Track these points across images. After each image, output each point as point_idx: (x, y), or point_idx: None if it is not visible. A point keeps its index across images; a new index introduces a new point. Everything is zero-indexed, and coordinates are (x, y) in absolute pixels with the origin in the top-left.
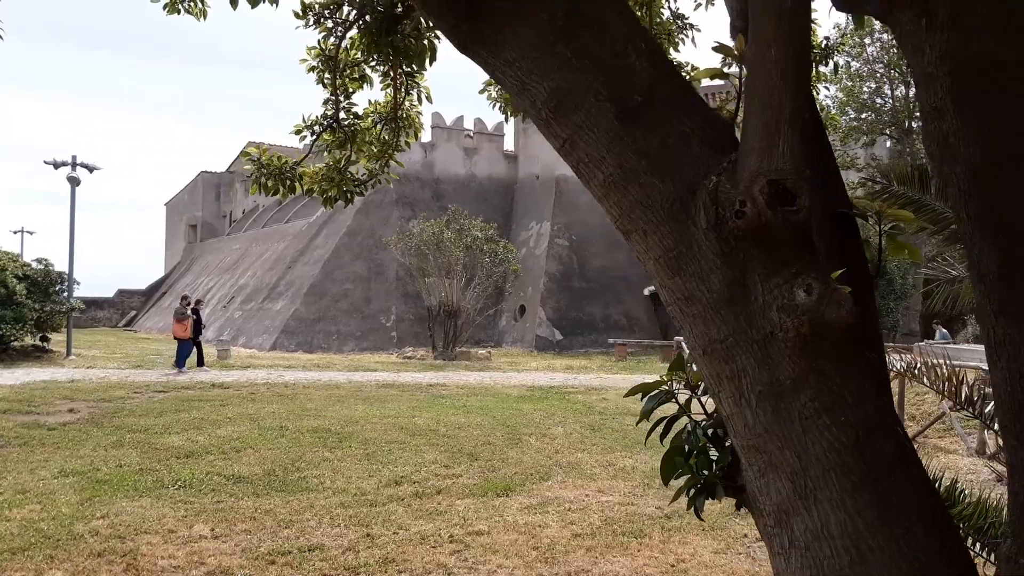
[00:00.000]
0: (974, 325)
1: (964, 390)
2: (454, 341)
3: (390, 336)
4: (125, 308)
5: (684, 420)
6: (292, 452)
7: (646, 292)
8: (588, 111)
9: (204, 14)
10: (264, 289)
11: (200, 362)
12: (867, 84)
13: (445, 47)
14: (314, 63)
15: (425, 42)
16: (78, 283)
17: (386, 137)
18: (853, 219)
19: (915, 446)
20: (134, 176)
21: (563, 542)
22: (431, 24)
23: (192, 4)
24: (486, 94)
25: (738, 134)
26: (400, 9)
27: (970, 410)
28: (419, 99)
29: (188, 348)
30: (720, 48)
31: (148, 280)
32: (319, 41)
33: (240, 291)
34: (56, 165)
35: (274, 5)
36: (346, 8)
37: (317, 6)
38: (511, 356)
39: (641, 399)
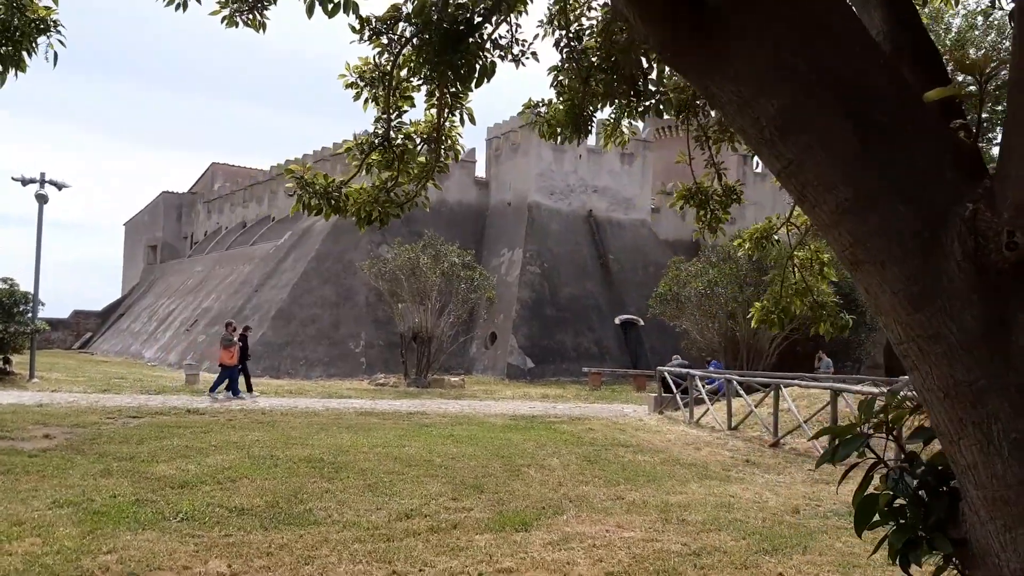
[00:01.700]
0: None
1: None
2: (427, 368)
3: (359, 362)
4: (80, 330)
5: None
6: (290, 483)
7: (617, 321)
8: (822, 130)
9: (263, 27)
10: (229, 313)
11: (249, 388)
12: None
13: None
14: (353, 79)
15: (484, 61)
16: (43, 304)
17: (423, 159)
18: None
19: None
20: (89, 195)
21: None
22: (645, 36)
23: (251, 17)
24: (525, 116)
25: None
26: (463, 27)
27: None
28: (461, 120)
29: (232, 375)
30: (962, 65)
31: (103, 301)
32: (373, 57)
33: (204, 314)
34: (24, 182)
35: (348, 13)
36: (402, 24)
37: (374, 20)
38: (484, 384)
39: (832, 444)
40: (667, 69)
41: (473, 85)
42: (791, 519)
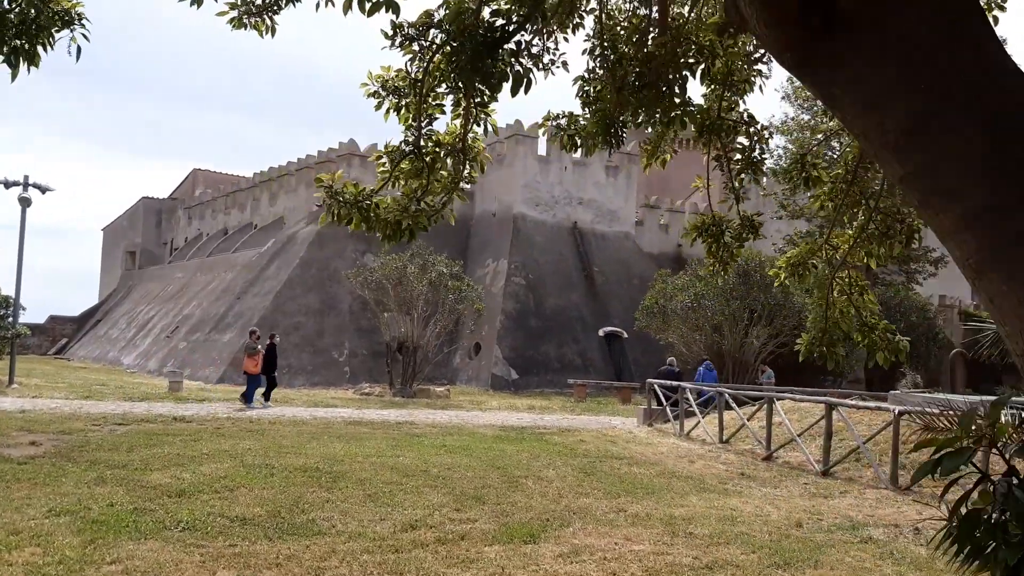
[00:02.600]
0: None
1: None
2: (412, 378)
3: (343, 371)
4: (56, 335)
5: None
6: (289, 492)
7: (601, 333)
8: (954, 136)
9: (272, 31)
10: (211, 320)
11: (267, 396)
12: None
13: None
14: (375, 88)
15: (518, 70)
16: (24, 308)
17: (445, 172)
18: None
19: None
20: (65, 201)
21: None
22: (763, 38)
23: (259, 20)
24: (544, 128)
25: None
26: (498, 35)
27: None
28: (485, 131)
29: (257, 383)
30: None
31: (79, 307)
32: (406, 64)
33: (185, 321)
34: (7, 184)
35: (388, 11)
36: (433, 31)
37: (406, 26)
38: (469, 394)
39: (934, 455)
40: (699, 85)
41: (509, 94)
42: (796, 533)
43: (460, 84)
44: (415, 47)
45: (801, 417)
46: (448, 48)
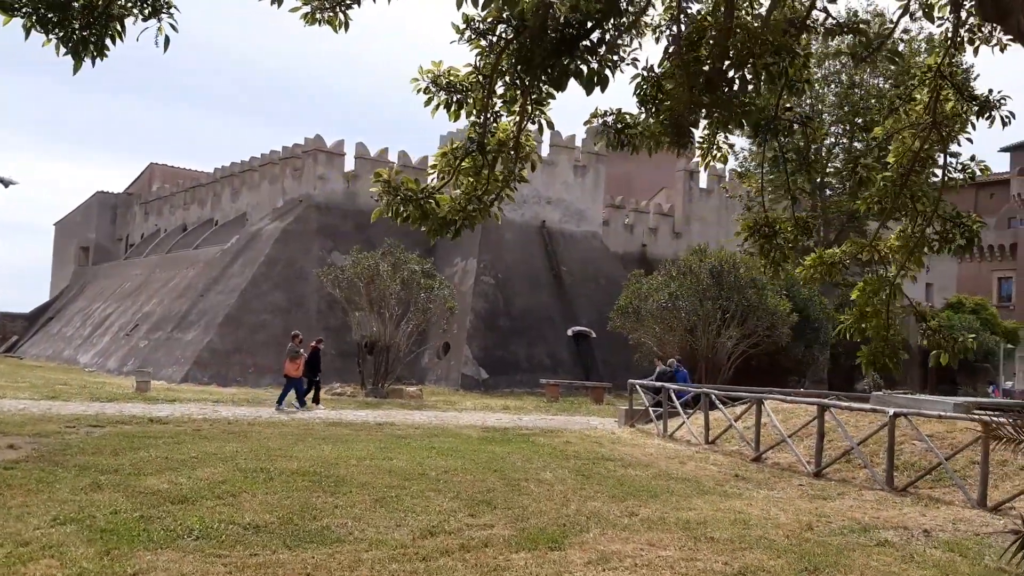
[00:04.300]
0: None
1: None
2: (384, 378)
3: None
4: (6, 332)
5: None
6: (294, 498)
7: (570, 332)
8: None
9: (346, 26)
10: (173, 318)
11: (316, 399)
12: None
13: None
14: (425, 84)
15: (595, 66)
16: None
17: (499, 170)
18: None
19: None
20: (12, 193)
21: None
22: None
23: (332, 15)
24: (589, 126)
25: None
26: (574, 31)
27: None
28: (540, 129)
29: (297, 386)
30: None
31: (29, 304)
32: (475, 59)
33: (145, 319)
34: None
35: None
36: (501, 27)
37: (476, 20)
38: (440, 395)
39: None
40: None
41: (584, 93)
42: (812, 536)
43: (522, 81)
44: (482, 42)
45: (785, 418)
46: (517, 44)
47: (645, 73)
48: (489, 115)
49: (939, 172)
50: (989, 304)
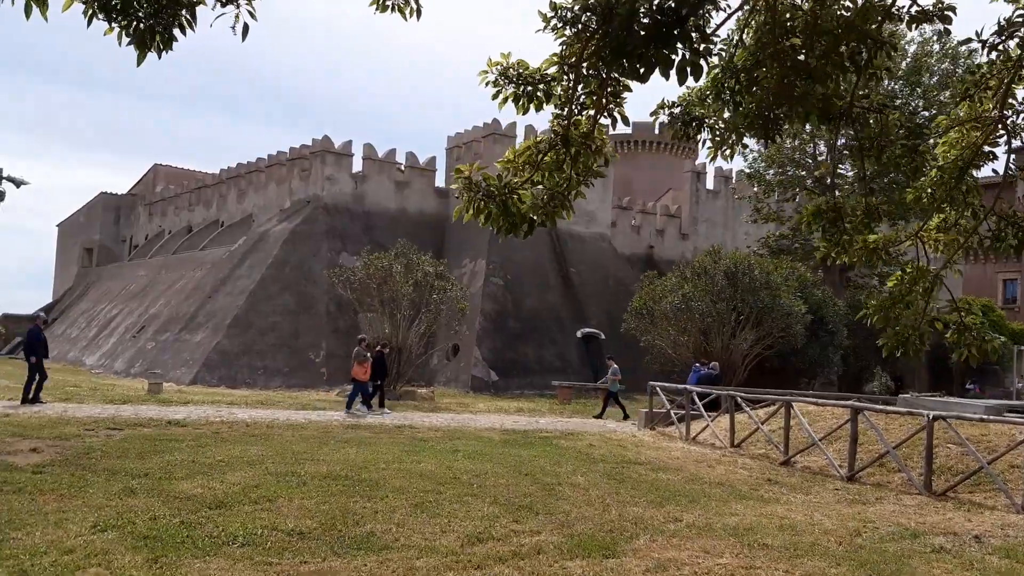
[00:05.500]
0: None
1: None
2: (397, 379)
3: (320, 372)
4: (10, 335)
5: None
6: (332, 503)
7: (579, 334)
8: None
9: (418, 13)
10: (181, 319)
11: (381, 403)
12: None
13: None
14: (494, 76)
15: (687, 54)
16: None
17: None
18: None
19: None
20: (17, 195)
21: None
22: None
23: (404, 3)
24: (656, 116)
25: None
26: (671, 19)
27: None
28: (613, 122)
29: (364, 389)
30: None
31: (33, 305)
32: (562, 49)
33: (152, 320)
34: None
35: None
36: (586, 15)
37: (563, 8)
38: (452, 396)
39: None
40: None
41: (676, 83)
42: (864, 543)
43: (599, 72)
44: (567, 31)
45: (811, 421)
46: (604, 32)
47: (724, 64)
48: (574, 107)
49: (998, 168)
50: (996, 306)
